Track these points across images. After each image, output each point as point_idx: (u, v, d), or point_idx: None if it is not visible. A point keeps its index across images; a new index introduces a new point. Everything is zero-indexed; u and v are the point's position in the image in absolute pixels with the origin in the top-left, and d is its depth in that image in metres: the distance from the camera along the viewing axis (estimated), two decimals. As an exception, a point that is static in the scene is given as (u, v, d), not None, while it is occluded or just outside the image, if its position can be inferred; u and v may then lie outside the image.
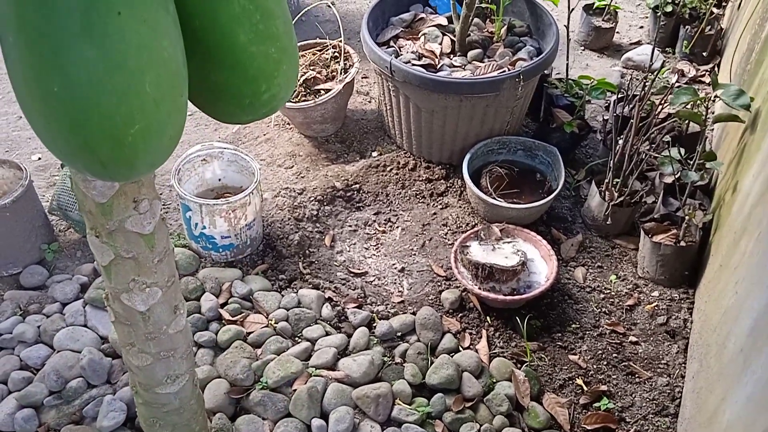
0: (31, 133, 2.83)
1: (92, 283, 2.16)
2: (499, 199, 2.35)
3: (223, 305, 2.13)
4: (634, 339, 2.10)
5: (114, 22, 0.65)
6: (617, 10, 3.25)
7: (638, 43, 3.31)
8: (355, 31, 3.39)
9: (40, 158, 2.72)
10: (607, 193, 2.30)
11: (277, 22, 0.87)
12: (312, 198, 2.53)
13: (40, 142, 2.79)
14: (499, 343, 2.09)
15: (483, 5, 2.66)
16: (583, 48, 3.28)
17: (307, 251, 2.37)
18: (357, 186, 2.59)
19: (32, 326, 2.00)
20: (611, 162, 2.30)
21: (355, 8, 3.61)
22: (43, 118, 0.68)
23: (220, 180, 2.42)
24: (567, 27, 2.57)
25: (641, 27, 3.46)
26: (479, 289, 2.11)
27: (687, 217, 2.16)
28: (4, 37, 0.66)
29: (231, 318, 2.07)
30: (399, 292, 2.25)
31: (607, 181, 2.31)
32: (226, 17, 0.81)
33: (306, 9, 2.98)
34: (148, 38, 0.68)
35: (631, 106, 2.50)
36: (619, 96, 2.63)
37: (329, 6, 3.18)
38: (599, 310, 2.18)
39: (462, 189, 2.56)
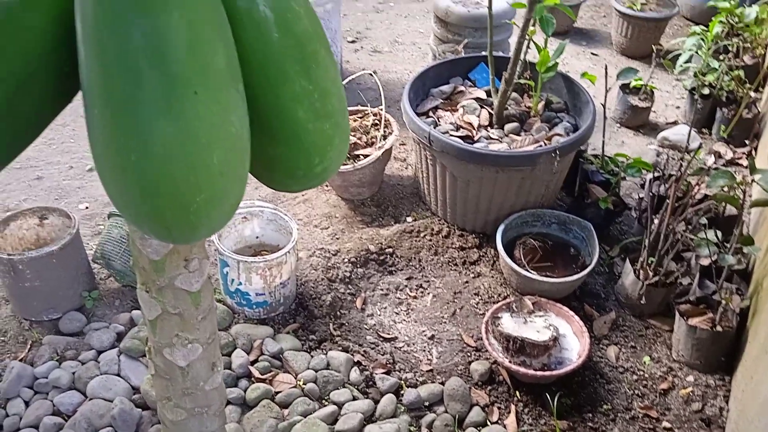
0: (81, 182, 2.96)
1: (128, 333, 2.21)
2: (532, 271, 2.35)
3: (253, 362, 2.14)
4: (667, 425, 2.04)
5: (191, 101, 0.71)
6: (653, 90, 3.31)
7: (674, 123, 3.34)
8: (395, 99, 3.50)
9: (87, 207, 2.82)
10: (641, 271, 2.29)
11: (333, 100, 0.93)
12: (346, 260, 2.57)
13: (88, 192, 2.91)
14: (528, 419, 2.05)
15: (521, 81, 2.73)
16: (619, 125, 3.33)
17: (338, 312, 2.39)
18: (390, 250, 2.63)
19: (67, 372, 2.04)
20: (646, 241, 2.30)
21: (396, 77, 3.74)
22: (119, 184, 0.73)
23: (257, 237, 2.48)
24: (604, 105, 2.62)
25: (677, 107, 3.50)
26: (510, 362, 2.09)
27: (724, 302, 2.13)
28: (90, 109, 0.72)
29: (260, 376, 2.09)
30: (428, 360, 2.24)
31: (641, 259, 2.30)
32: (288, 96, 0.87)
33: (350, 78, 3.10)
34: (219, 116, 0.74)
35: (667, 185, 2.52)
36: (655, 175, 2.65)
37: (371, 75, 3.30)
38: (632, 392, 2.14)
39: (495, 259, 2.58)
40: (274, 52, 0.83)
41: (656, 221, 2.30)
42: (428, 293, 2.49)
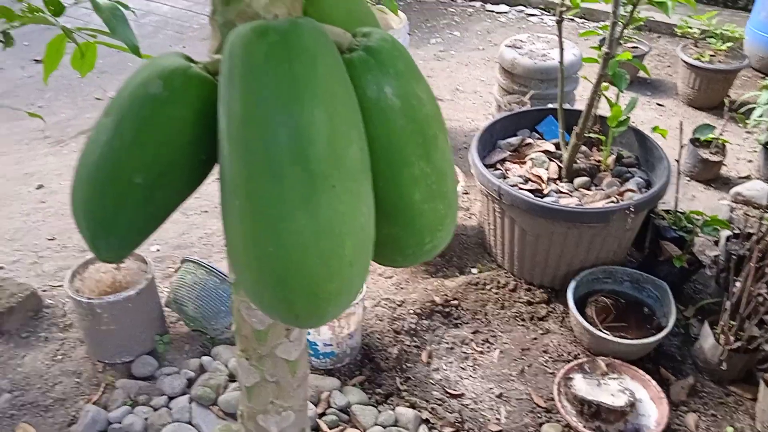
0: (152, 225, 3.03)
1: (198, 379, 2.23)
2: (606, 331, 2.29)
3: (321, 415, 2.13)
4: (753, 501, 1.94)
5: (327, 194, 0.72)
6: (725, 144, 3.23)
7: (747, 178, 3.25)
8: (457, 148, 3.52)
9: (158, 250, 2.89)
10: (722, 336, 2.21)
11: (448, 181, 0.93)
12: (411, 311, 2.55)
13: (159, 235, 2.98)
14: (604, 488, 1.98)
15: (591, 135, 2.71)
16: (689, 179, 3.26)
17: (404, 366, 2.36)
18: (456, 302, 2.60)
19: (140, 418, 2.07)
20: (727, 304, 2.21)
21: (458, 126, 3.76)
22: (253, 273, 0.74)
23: (325, 287, 2.49)
24: (678, 161, 2.58)
25: (750, 161, 3.41)
26: (584, 427, 2.03)
27: (812, 371, 2.03)
28: (230, 199, 0.74)
29: (329, 431, 2.07)
30: (496, 419, 2.19)
31: (722, 323, 2.22)
32: (407, 179, 0.87)
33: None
34: (352, 207, 0.75)
35: (746, 245, 2.43)
36: (734, 232, 2.57)
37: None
38: (713, 463, 2.04)
39: (564, 315, 2.52)
40: (398, 138, 0.84)
41: (737, 283, 2.22)
42: (495, 348, 2.45)
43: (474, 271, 2.77)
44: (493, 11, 4.83)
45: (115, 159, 0.76)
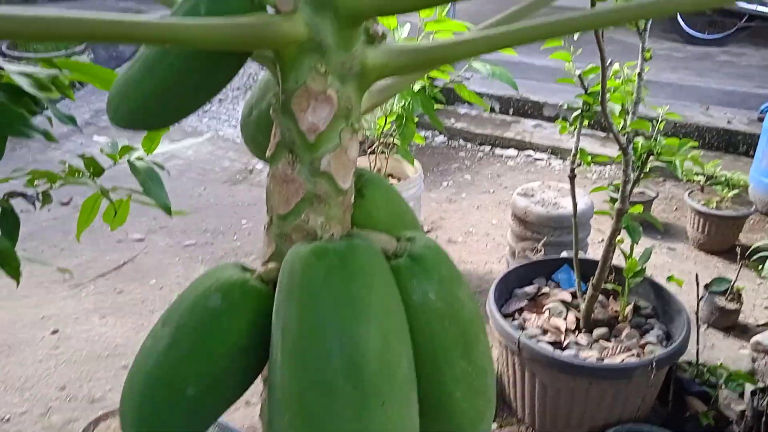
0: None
1: None
2: (636, 497, 2.18)
3: None
4: None
5: (378, 411, 0.72)
6: (740, 292, 3.24)
7: (766, 325, 3.22)
8: (472, 291, 3.53)
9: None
10: (760, 505, 2.09)
11: (487, 378, 0.94)
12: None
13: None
14: None
15: (607, 286, 2.73)
16: (706, 326, 3.23)
17: None
18: (476, 460, 2.49)
19: None
20: (762, 468, 2.12)
21: (471, 268, 3.79)
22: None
23: None
24: (697, 314, 2.58)
25: (766, 308, 3.40)
26: None
27: None
28: (278, 411, 0.74)
29: None
30: None
31: (759, 490, 2.11)
32: (449, 379, 0.88)
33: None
34: (399, 420, 0.75)
35: (773, 402, 2.37)
36: (758, 387, 2.51)
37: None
38: None
39: (590, 476, 2.41)
40: (442, 340, 0.85)
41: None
42: None
43: (494, 426, 2.68)
44: (501, 155, 5.03)
45: (169, 370, 0.78)
